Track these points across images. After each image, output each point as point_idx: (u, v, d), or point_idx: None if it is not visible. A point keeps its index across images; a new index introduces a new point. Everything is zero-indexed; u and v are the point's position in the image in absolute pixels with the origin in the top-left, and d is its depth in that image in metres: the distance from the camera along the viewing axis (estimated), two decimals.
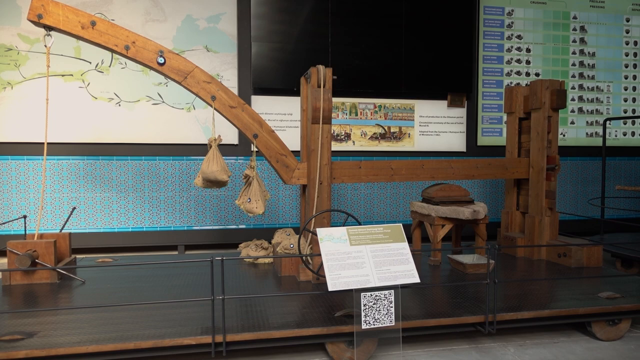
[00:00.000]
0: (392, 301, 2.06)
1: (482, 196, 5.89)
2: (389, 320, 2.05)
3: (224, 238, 5.33)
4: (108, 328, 2.28)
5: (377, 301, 2.04)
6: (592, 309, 2.67)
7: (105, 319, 2.40)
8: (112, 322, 2.36)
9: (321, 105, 3.37)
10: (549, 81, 3.85)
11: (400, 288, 2.10)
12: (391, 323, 2.06)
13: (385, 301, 2.05)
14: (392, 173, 3.75)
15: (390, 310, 2.05)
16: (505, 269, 3.61)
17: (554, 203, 3.84)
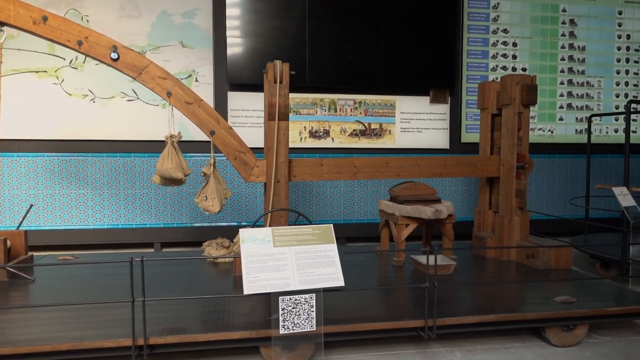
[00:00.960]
0: (313, 305, 1.98)
1: (460, 194, 5.76)
2: (309, 325, 1.97)
3: (201, 235, 5.28)
4: (33, 330, 2.23)
5: (296, 305, 1.96)
6: (541, 314, 2.56)
7: (33, 320, 2.36)
8: (38, 323, 2.32)
9: (277, 101, 3.29)
10: (520, 76, 3.71)
11: (324, 292, 2.02)
12: (312, 328, 1.98)
13: (306, 305, 1.97)
14: (356, 171, 3.66)
15: (311, 314, 1.97)
16: (468, 270, 3.50)
17: (524, 202, 3.71)
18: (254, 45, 5.09)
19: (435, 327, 2.39)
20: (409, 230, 3.63)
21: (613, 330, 2.97)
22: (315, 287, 1.99)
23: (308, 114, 5.40)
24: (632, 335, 2.92)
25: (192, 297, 2.65)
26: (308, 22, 5.15)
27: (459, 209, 5.67)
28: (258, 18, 5.08)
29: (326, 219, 5.48)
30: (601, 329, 2.97)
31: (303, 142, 5.39)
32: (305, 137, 5.40)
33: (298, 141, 5.39)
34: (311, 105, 5.40)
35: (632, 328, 3.02)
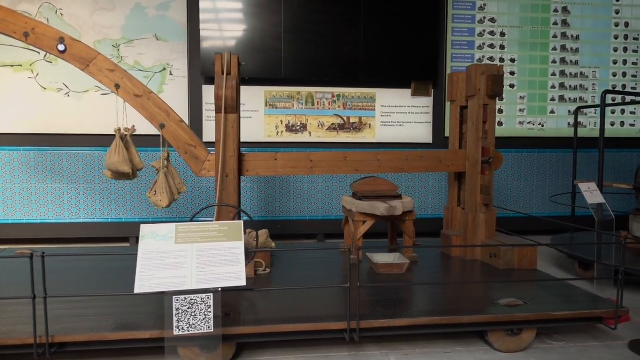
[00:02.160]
0: (210, 306, 1.88)
1: (437, 190, 5.54)
2: (206, 326, 1.88)
3: None
4: None
5: (192, 305, 1.87)
6: (477, 318, 2.40)
7: None
8: None
9: (224, 93, 3.19)
10: (485, 66, 3.52)
11: (223, 290, 1.92)
12: (209, 329, 1.88)
13: (203, 305, 1.87)
14: (312, 165, 3.54)
15: (209, 315, 1.88)
16: (426, 269, 3.35)
17: (489, 199, 3.53)
18: (229, 38, 5.00)
19: (358, 330, 2.26)
20: (366, 227, 3.49)
21: (570, 335, 2.79)
22: (213, 286, 1.89)
23: (285, 107, 5.29)
24: (589, 340, 2.73)
25: (93, 295, 2.58)
26: (283, 13, 5.03)
27: (435, 205, 5.49)
28: (232, 10, 4.99)
29: (304, 215, 5.38)
30: (557, 334, 2.79)
31: (280, 136, 5.29)
32: (281, 132, 5.29)
33: (275, 135, 5.29)
34: (288, 99, 5.29)
35: (591, 333, 2.83)
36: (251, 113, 5.24)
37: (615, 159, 5.76)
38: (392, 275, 3.17)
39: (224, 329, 2.23)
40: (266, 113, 5.27)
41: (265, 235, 3.35)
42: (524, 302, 2.58)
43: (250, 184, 5.28)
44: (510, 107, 5.59)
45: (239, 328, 2.22)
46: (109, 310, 2.40)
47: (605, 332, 2.86)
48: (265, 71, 5.08)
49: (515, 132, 5.62)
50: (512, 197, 5.67)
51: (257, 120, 5.26)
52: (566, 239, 4.56)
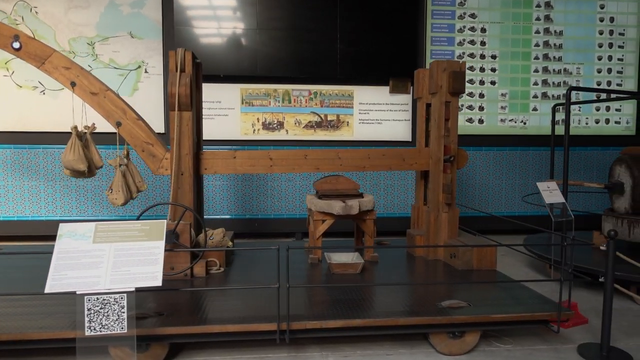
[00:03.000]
0: (124, 306, 1.85)
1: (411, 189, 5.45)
2: (119, 326, 1.85)
3: None
4: None
5: (104, 305, 1.84)
6: (414, 320, 2.35)
7: None
8: None
9: (177, 90, 3.16)
10: (447, 62, 3.45)
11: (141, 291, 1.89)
12: (122, 330, 1.85)
13: (116, 306, 1.85)
14: (271, 164, 3.50)
15: (122, 316, 1.85)
16: (385, 269, 3.30)
17: (450, 198, 3.46)
18: (204, 34, 4.97)
19: (288, 332, 2.22)
20: (325, 226, 3.45)
21: (521, 338, 2.72)
22: (127, 286, 1.86)
23: (261, 105, 5.25)
24: (538, 343, 2.67)
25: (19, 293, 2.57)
26: (259, 10, 4.99)
27: (405, 204, 5.41)
28: (207, 7, 4.96)
29: (281, 213, 5.34)
30: (507, 337, 2.73)
31: (256, 134, 5.26)
32: (258, 129, 5.26)
33: (251, 133, 5.26)
34: (264, 96, 5.25)
35: (543, 336, 2.76)
36: (227, 111, 5.22)
37: (600, 158, 5.64)
38: (346, 276, 3.13)
39: (154, 329, 2.21)
40: (242, 111, 5.24)
41: (221, 234, 3.32)
42: (467, 304, 2.52)
43: (227, 182, 5.26)
44: (492, 105, 5.50)
45: (167, 328, 2.20)
46: (38, 309, 2.39)
47: (560, 335, 2.79)
48: (241, 68, 5.05)
49: (496, 129, 5.53)
50: (493, 196, 5.58)
51: (233, 118, 5.23)
52: (542, 239, 4.47)
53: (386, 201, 5.42)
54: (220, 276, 3.12)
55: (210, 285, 2.95)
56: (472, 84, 5.46)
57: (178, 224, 2.95)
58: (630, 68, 5.62)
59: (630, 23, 5.58)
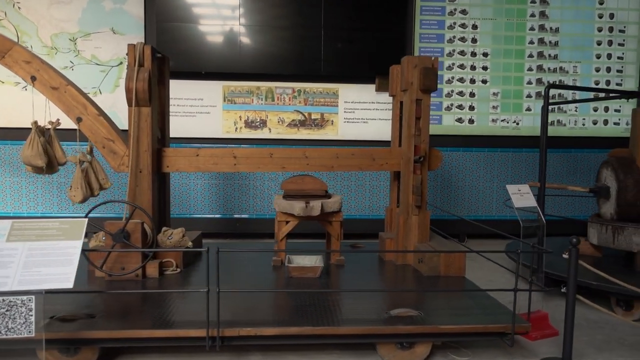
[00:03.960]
0: (32, 309, 1.76)
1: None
2: (27, 330, 1.76)
3: None
4: None
5: (11, 308, 1.75)
6: (354, 329, 2.21)
7: None
8: None
9: (134, 85, 3.07)
10: (418, 58, 3.30)
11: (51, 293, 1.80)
12: (30, 334, 1.76)
13: (23, 308, 1.76)
14: (235, 162, 3.40)
15: (30, 319, 1.76)
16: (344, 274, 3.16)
17: (420, 200, 3.31)
18: (186, 30, 4.89)
19: (218, 339, 2.11)
20: (289, 227, 3.33)
21: (482, 350, 2.56)
22: (36, 287, 1.77)
23: (244, 103, 5.16)
24: (498, 356, 2.50)
25: None
26: (241, 6, 4.89)
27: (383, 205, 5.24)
28: (189, 3, 4.88)
29: (264, 214, 5.23)
30: (467, 348, 2.57)
31: (238, 132, 5.16)
32: (240, 127, 5.16)
33: (233, 131, 5.16)
34: (247, 94, 5.15)
35: (506, 348, 2.59)
36: (209, 108, 5.13)
37: (597, 160, 5.38)
38: (304, 279, 3.00)
39: (78, 332, 2.12)
40: (224, 108, 5.15)
41: (180, 234, 3.23)
42: (418, 313, 2.37)
43: (208, 181, 5.17)
44: (483, 104, 5.30)
45: (92, 332, 2.11)
46: None
47: (524, 347, 2.62)
48: (223, 65, 4.96)
49: (487, 130, 5.33)
50: (483, 199, 5.38)
51: (215, 115, 5.14)
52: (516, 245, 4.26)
53: (359, 202, 5.26)
54: (175, 277, 3.02)
55: (160, 287, 2.85)
56: (463, 83, 5.27)
57: (127, 223, 2.86)
58: (630, 67, 5.36)
59: (631, 20, 5.32)
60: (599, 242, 3.58)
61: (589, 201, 5.32)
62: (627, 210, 3.38)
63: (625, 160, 3.46)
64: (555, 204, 5.41)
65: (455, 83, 5.27)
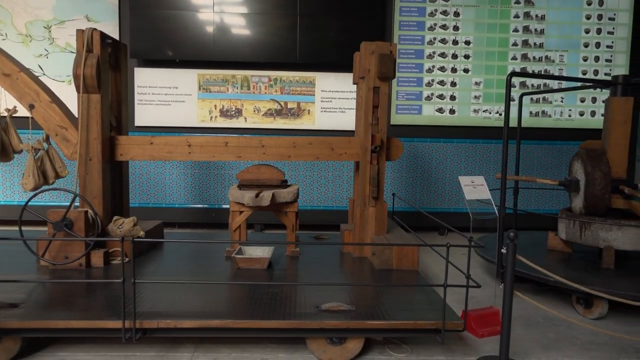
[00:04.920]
0: None
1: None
2: None
3: None
4: None
5: None
6: (281, 323, 2.13)
7: None
8: None
9: (82, 71, 3.01)
10: (376, 44, 3.18)
11: None
12: None
13: None
14: (189, 151, 3.33)
15: None
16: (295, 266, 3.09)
17: (376, 191, 3.21)
18: (159, 18, 4.82)
19: (134, 330, 2.05)
20: (243, 217, 3.27)
21: (422, 346, 2.47)
22: None
23: (219, 91, 5.08)
24: (437, 353, 2.41)
25: None
26: None
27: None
28: None
29: None
30: (408, 344, 2.48)
31: (213, 121, 5.10)
32: (215, 117, 5.09)
33: (208, 120, 5.10)
34: (222, 82, 5.07)
35: (449, 345, 2.50)
36: (184, 97, 5.07)
37: None
38: (252, 271, 2.93)
39: None
40: (199, 97, 5.08)
41: (131, 223, 3.18)
42: (351, 307, 2.29)
43: (183, 170, 5.13)
44: (464, 94, 5.15)
45: (7, 322, 2.06)
46: None
47: (469, 344, 2.53)
48: (197, 53, 4.88)
49: (469, 121, 5.19)
50: None
51: (190, 104, 5.08)
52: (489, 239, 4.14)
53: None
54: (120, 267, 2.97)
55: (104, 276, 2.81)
56: (444, 72, 5.13)
57: (68, 211, 2.82)
58: (620, 56, 5.16)
59: (622, 7, 5.11)
60: (567, 237, 3.44)
61: None
62: (594, 204, 3.24)
63: (594, 153, 3.31)
64: (539, 197, 5.27)
65: (436, 72, 5.13)
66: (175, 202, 5.18)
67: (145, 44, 4.86)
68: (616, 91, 3.36)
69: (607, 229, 3.16)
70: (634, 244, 3.13)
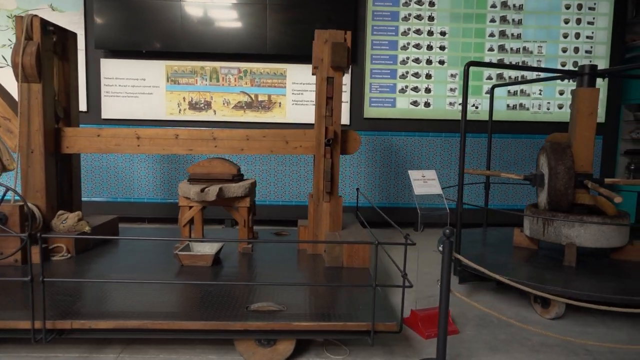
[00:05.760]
0: None
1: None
2: None
3: None
4: None
5: None
6: (201, 324, 2.02)
7: None
8: None
9: (21, 60, 2.89)
10: (329, 32, 3.05)
11: None
12: None
13: None
14: (138, 143, 3.22)
15: None
16: (243, 264, 2.98)
17: (329, 186, 3.09)
18: (125, 8, 4.69)
19: (44, 331, 1.94)
20: (192, 213, 3.15)
21: (359, 347, 2.36)
22: None
23: (187, 83, 4.96)
24: (376, 356, 2.29)
25: None
26: None
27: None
28: None
29: None
30: (348, 345, 2.37)
31: (182, 114, 4.98)
32: (184, 109, 4.97)
33: (177, 113, 4.98)
34: (190, 74, 4.95)
35: (390, 345, 2.39)
36: (152, 89, 4.95)
37: None
38: (197, 268, 2.82)
39: None
40: (167, 89, 4.96)
41: (75, 218, 3.07)
42: (282, 307, 2.18)
43: (152, 164, 5.01)
44: (440, 86, 5.01)
45: None
46: None
47: (413, 346, 2.42)
48: (164, 43, 4.76)
49: (444, 114, 5.05)
50: None
51: (157, 96, 4.96)
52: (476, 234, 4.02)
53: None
54: (61, 264, 2.87)
55: None
56: (418, 64, 4.99)
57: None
58: (601, 47, 5.00)
59: None
60: (531, 233, 3.32)
61: None
62: (558, 200, 3.12)
63: (559, 146, 3.18)
64: (518, 192, 5.14)
65: (411, 64, 4.99)
66: (144, 197, 5.08)
67: (111, 34, 4.73)
68: (582, 82, 3.23)
69: (569, 225, 3.04)
70: (596, 240, 3.00)
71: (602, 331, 2.67)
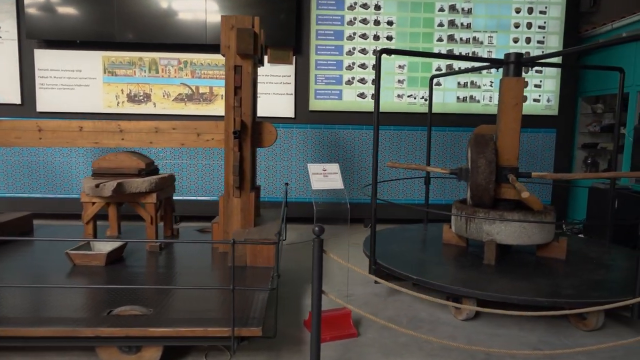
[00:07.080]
0: None
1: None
2: None
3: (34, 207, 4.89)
4: None
5: None
6: (49, 331, 1.87)
7: None
8: None
9: None
10: (235, 18, 2.88)
11: None
12: None
13: None
14: (40, 136, 3.05)
15: None
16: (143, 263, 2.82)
17: (238, 180, 2.93)
18: None
19: None
20: (95, 208, 2.99)
21: (245, 352, 2.21)
22: None
23: (125, 75, 4.78)
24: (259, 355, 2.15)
25: None
26: None
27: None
28: None
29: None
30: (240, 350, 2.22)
31: (121, 107, 4.80)
32: (122, 102, 4.80)
33: (115, 106, 4.80)
34: (128, 66, 4.77)
35: (286, 349, 2.24)
36: (88, 81, 4.77)
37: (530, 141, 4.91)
38: (90, 268, 2.66)
39: None
40: (105, 81, 4.78)
41: None
42: (148, 311, 2.03)
43: (90, 159, 4.84)
44: (387, 78, 4.85)
45: None
46: None
47: (304, 351, 2.27)
48: (99, 33, 4.57)
49: (392, 106, 4.89)
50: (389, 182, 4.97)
51: (94, 89, 4.78)
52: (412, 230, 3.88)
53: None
54: None
55: None
56: (365, 54, 4.82)
57: None
58: (553, 38, 4.85)
59: None
60: (456, 230, 3.18)
61: None
62: (479, 195, 2.97)
63: (482, 139, 3.03)
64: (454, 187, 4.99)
65: (357, 55, 4.82)
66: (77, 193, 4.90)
67: (42, 23, 4.55)
68: (508, 71, 3.07)
69: (490, 222, 2.89)
70: (518, 237, 2.86)
71: (513, 333, 2.53)
